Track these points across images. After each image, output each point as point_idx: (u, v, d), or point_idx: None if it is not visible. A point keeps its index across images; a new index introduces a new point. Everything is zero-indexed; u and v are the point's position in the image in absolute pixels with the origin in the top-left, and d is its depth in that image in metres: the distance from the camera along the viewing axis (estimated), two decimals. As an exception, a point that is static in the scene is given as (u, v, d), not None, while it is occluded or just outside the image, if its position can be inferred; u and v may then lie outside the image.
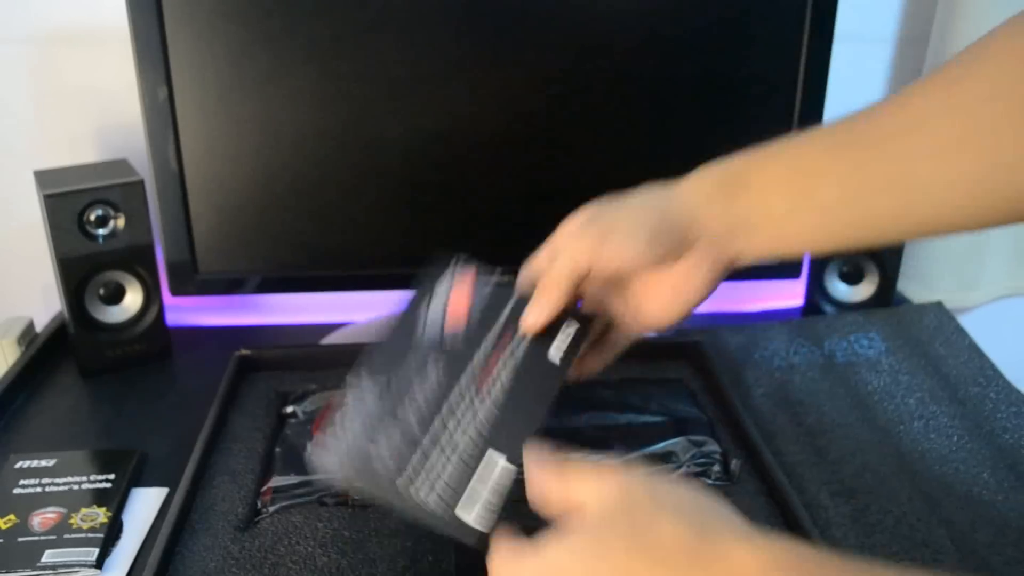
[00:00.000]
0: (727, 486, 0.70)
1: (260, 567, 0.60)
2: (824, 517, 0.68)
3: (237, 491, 0.68)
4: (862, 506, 0.70)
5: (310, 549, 0.62)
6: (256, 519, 0.65)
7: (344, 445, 0.52)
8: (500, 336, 0.58)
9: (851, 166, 0.53)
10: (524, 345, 0.58)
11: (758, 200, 0.56)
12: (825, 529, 0.67)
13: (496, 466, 0.51)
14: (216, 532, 0.64)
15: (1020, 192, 0.48)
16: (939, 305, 0.97)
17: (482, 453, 0.52)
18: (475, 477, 0.51)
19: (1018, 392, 0.83)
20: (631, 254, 0.56)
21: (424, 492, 0.50)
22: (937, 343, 0.91)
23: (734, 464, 0.71)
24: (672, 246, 0.57)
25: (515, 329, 0.58)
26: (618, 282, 0.60)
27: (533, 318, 0.58)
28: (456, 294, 0.60)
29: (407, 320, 0.59)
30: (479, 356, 0.57)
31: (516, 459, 0.51)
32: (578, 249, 0.57)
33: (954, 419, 0.80)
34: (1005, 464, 0.74)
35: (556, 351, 0.57)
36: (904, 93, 0.53)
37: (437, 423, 0.53)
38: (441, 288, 0.60)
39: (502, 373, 0.56)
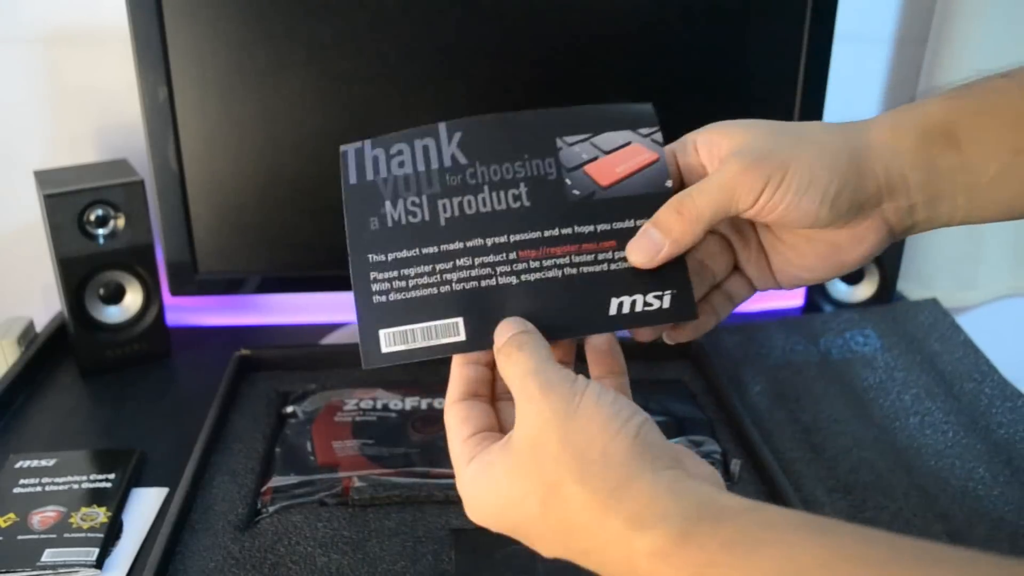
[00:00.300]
0: (727, 486, 0.69)
1: (260, 567, 0.60)
2: (820, 514, 0.68)
3: (237, 491, 0.68)
4: (858, 502, 0.70)
5: (310, 549, 0.62)
6: (256, 519, 0.65)
7: (372, 170, 0.47)
8: (603, 235, 0.46)
9: None
10: (608, 265, 0.46)
11: (969, 161, 0.45)
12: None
13: (453, 335, 0.45)
14: (216, 532, 0.64)
15: None
16: (934, 302, 0.97)
17: (456, 313, 0.45)
18: (429, 320, 0.45)
19: (1013, 387, 0.84)
20: (804, 212, 0.45)
21: (381, 281, 0.45)
22: (932, 339, 0.91)
23: (734, 464, 0.71)
24: (856, 208, 0.46)
25: (623, 241, 0.46)
26: (764, 226, 0.49)
27: (643, 255, 0.46)
28: (626, 156, 0.48)
29: (557, 122, 0.48)
30: (566, 230, 0.46)
31: (477, 344, 0.44)
32: (740, 184, 0.44)
33: (949, 415, 0.80)
34: (1000, 459, 0.75)
35: (626, 302, 0.46)
36: None
37: (463, 242, 0.46)
38: (615, 136, 0.48)
39: (561, 268, 0.46)
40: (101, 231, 0.85)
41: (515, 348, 0.42)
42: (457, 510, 0.65)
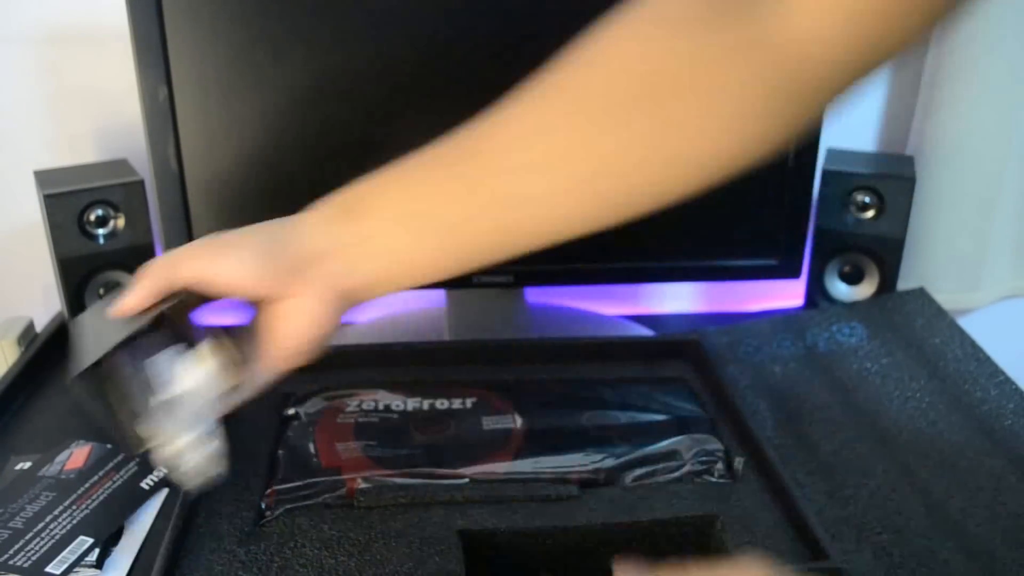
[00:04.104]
0: (730, 484, 0.70)
1: (267, 570, 0.60)
2: (800, 495, 0.69)
3: (241, 494, 0.68)
4: (838, 481, 0.71)
5: (317, 551, 0.61)
6: (261, 522, 0.65)
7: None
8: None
9: (469, 184, 0.53)
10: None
11: (377, 226, 0.54)
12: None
13: None
14: (221, 536, 0.64)
15: (627, 193, 0.52)
16: (921, 291, 0.98)
17: None
18: None
19: (997, 366, 0.85)
20: (239, 273, 0.55)
21: None
22: (918, 325, 0.93)
23: (737, 462, 0.71)
24: (282, 270, 0.55)
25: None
26: (259, 312, 0.59)
27: (123, 302, 0.59)
28: None
29: None
30: None
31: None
32: (188, 257, 0.56)
33: (934, 394, 0.82)
34: (983, 432, 0.76)
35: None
36: (517, 100, 0.53)
37: None
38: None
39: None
40: (101, 231, 0.85)
41: None
42: (463, 511, 0.65)
